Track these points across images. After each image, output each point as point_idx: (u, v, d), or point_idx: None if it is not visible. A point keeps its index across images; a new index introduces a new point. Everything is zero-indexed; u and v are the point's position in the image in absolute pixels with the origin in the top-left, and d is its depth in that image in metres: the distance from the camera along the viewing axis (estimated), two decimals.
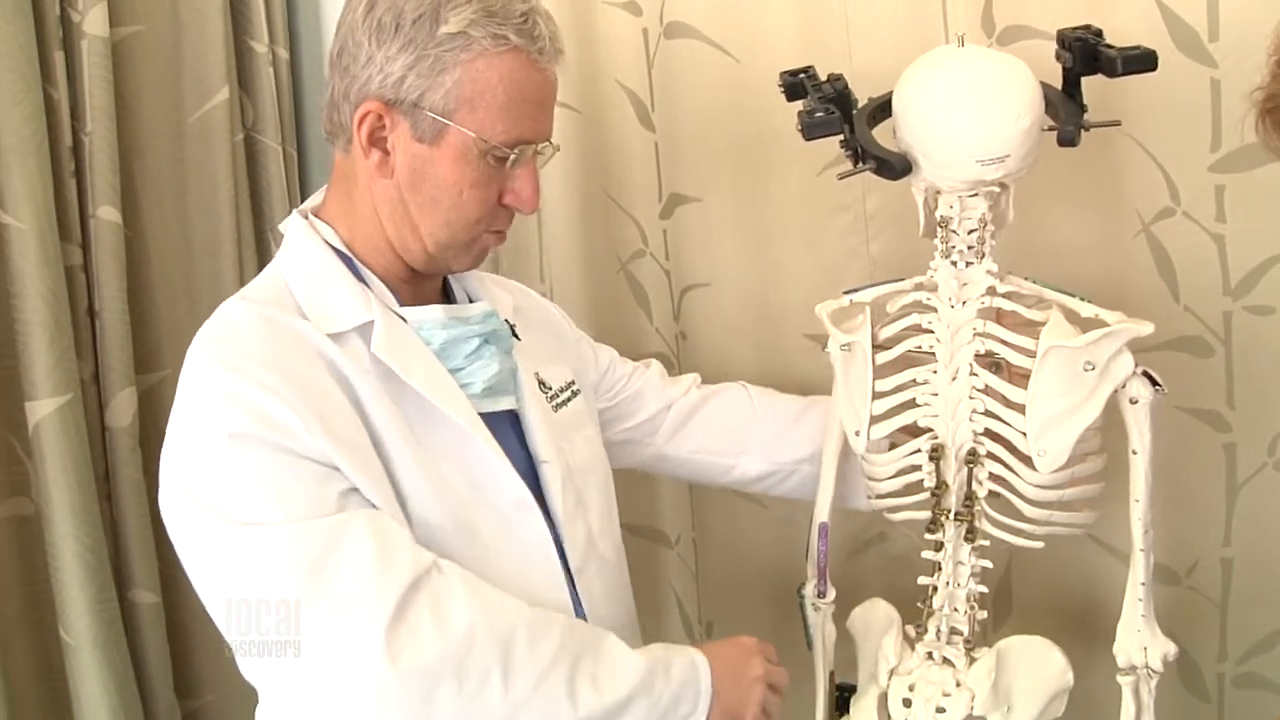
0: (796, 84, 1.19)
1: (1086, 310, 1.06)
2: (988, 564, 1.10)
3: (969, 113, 1.03)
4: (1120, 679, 1.04)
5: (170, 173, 1.53)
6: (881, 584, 1.25)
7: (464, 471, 0.93)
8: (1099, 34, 1.12)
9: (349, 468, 0.86)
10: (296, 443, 0.85)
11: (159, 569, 1.47)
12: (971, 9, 1.35)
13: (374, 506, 0.87)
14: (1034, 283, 1.10)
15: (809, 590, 1.20)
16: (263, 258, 1.62)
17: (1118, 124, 1.19)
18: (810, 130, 1.08)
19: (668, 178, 1.52)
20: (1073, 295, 1.08)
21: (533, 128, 0.95)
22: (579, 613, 0.99)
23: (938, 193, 1.09)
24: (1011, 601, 1.43)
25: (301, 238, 0.99)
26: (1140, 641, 1.03)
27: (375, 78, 0.91)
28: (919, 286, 1.12)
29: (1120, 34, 1.20)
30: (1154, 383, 1.04)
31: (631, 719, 0.90)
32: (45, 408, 1.31)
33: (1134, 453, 1.04)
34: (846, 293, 1.18)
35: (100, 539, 1.37)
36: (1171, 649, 1.04)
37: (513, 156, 0.93)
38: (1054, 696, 1.04)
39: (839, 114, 1.07)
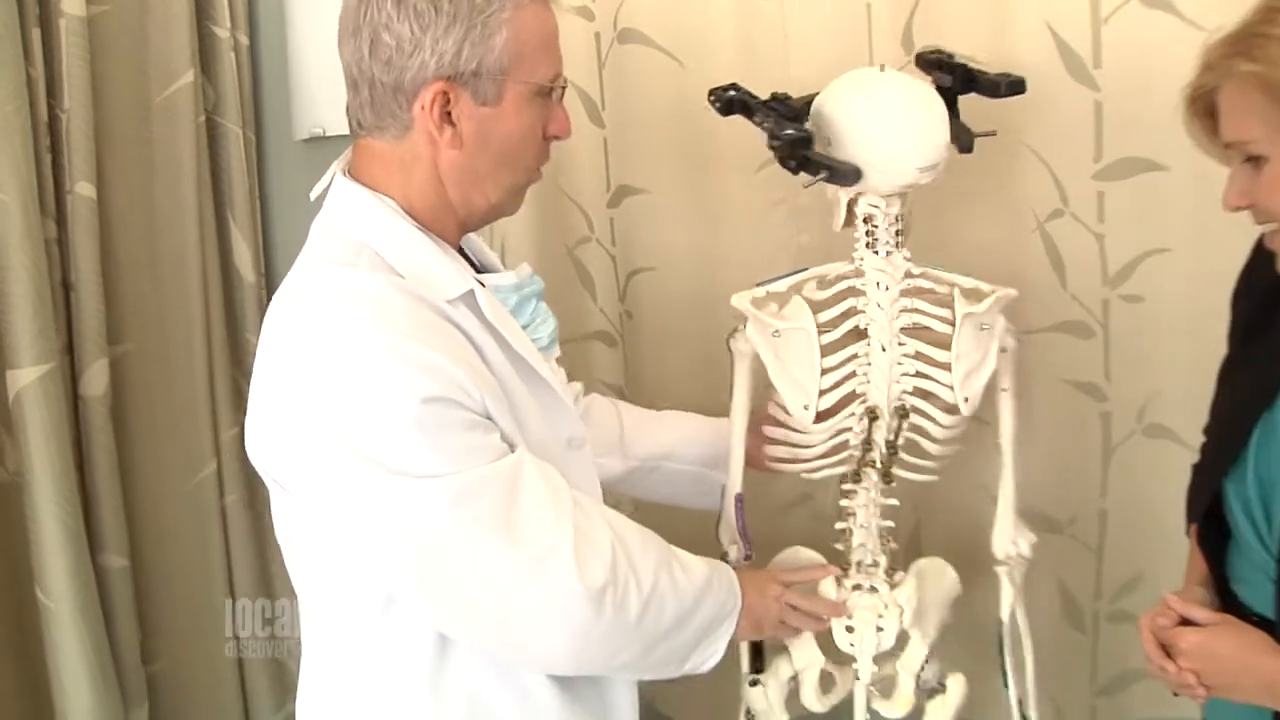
0: (737, 100, 1.34)
1: (968, 283, 1.28)
2: (895, 502, 1.32)
3: (911, 129, 1.23)
4: (998, 569, 1.31)
5: (137, 151, 1.60)
6: (800, 539, 1.43)
7: (547, 418, 1.04)
8: (952, 56, 1.33)
9: (499, 416, 0.95)
10: (467, 398, 0.93)
11: (128, 534, 1.54)
12: (893, 28, 1.53)
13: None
14: (934, 268, 1.31)
15: (733, 556, 1.34)
16: (222, 235, 1.70)
17: (993, 134, 1.38)
18: (789, 147, 1.23)
19: (617, 171, 1.66)
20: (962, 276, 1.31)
21: (560, 61, 1.05)
22: None
23: (860, 194, 1.27)
24: (920, 549, 1.63)
25: (370, 203, 1.01)
26: (1012, 536, 1.31)
27: (430, 61, 0.96)
28: (821, 278, 1.31)
29: (1018, 61, 1.43)
30: None
31: (703, 608, 1.06)
32: (27, 376, 1.37)
33: (1003, 390, 1.30)
34: (760, 284, 1.34)
35: (77, 504, 1.44)
36: (1033, 538, 1.32)
37: (557, 91, 1.04)
38: (950, 604, 1.31)
39: (807, 131, 1.23)
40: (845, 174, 1.22)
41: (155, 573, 1.64)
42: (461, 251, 1.10)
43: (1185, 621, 1.04)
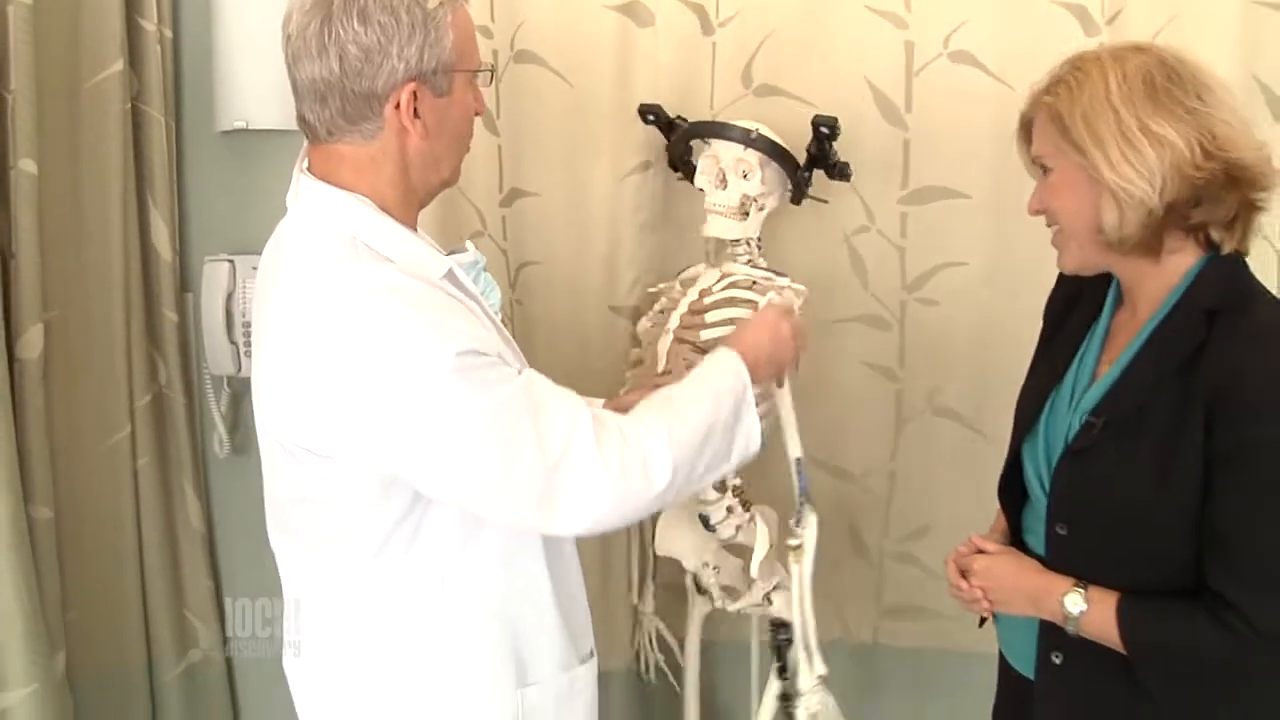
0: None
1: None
2: None
3: None
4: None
5: (67, 133, 1.73)
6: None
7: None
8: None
9: (506, 355, 1.14)
10: (486, 346, 1.09)
11: (54, 487, 1.68)
12: (734, 63, 1.86)
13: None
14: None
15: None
16: (142, 215, 1.84)
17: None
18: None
19: (510, 174, 1.92)
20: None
21: (479, 50, 1.25)
22: None
23: None
24: None
25: (350, 203, 1.14)
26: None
27: (399, 67, 1.10)
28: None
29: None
30: None
31: (720, 415, 1.23)
32: None
33: None
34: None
35: (15, 456, 1.56)
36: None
37: (484, 75, 1.24)
38: None
39: None
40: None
41: (72, 526, 1.77)
42: None
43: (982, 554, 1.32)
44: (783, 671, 1.67)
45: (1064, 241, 1.23)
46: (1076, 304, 1.33)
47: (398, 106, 1.12)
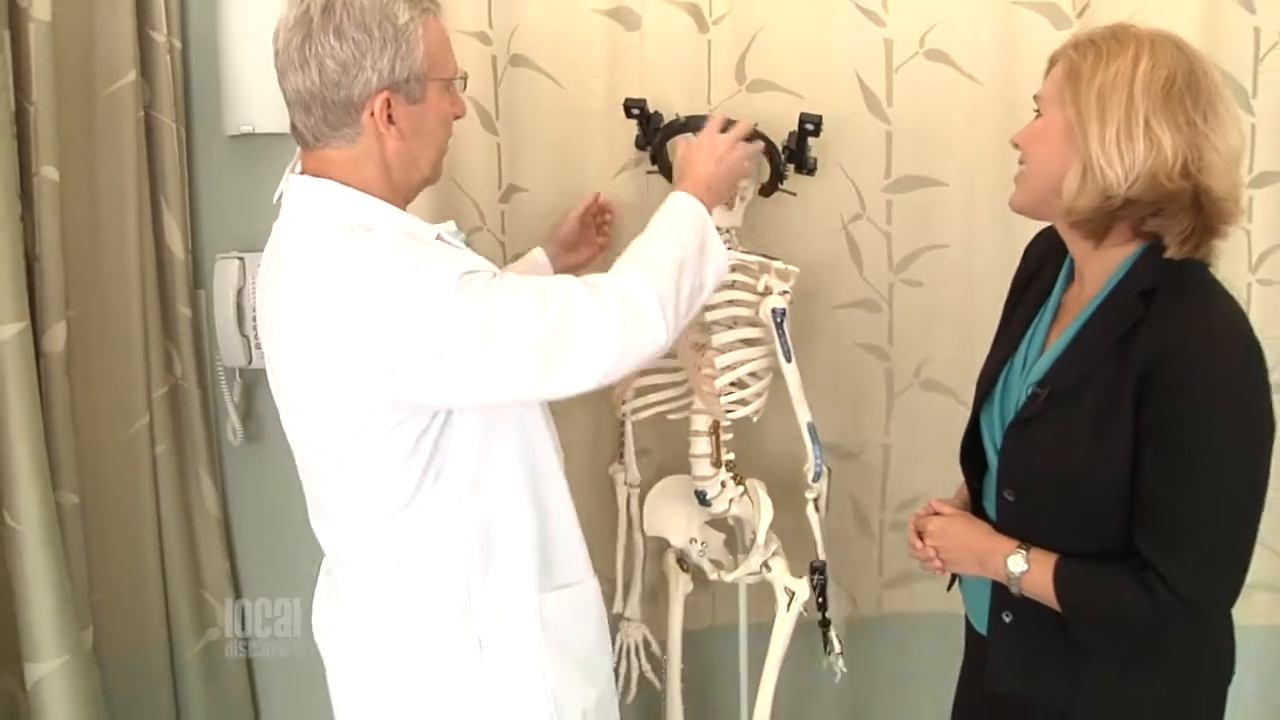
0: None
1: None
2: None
3: None
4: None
5: (84, 141, 1.85)
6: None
7: None
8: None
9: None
10: (485, 266, 1.26)
11: (78, 474, 1.80)
12: (729, 62, 1.95)
13: None
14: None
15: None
16: (156, 217, 1.96)
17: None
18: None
19: (508, 171, 2.01)
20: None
21: (454, 58, 1.35)
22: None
23: None
24: None
25: (335, 190, 1.27)
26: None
27: (373, 78, 1.24)
28: None
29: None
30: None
31: (685, 250, 1.39)
32: (6, 332, 1.62)
33: None
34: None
35: (43, 443, 1.68)
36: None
37: (459, 82, 1.37)
38: None
39: None
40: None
41: (96, 511, 1.89)
42: None
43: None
44: (822, 605, 1.84)
45: (1023, 180, 1.31)
46: (1034, 280, 1.41)
47: (373, 114, 1.26)
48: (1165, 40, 1.21)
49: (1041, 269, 1.40)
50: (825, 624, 1.86)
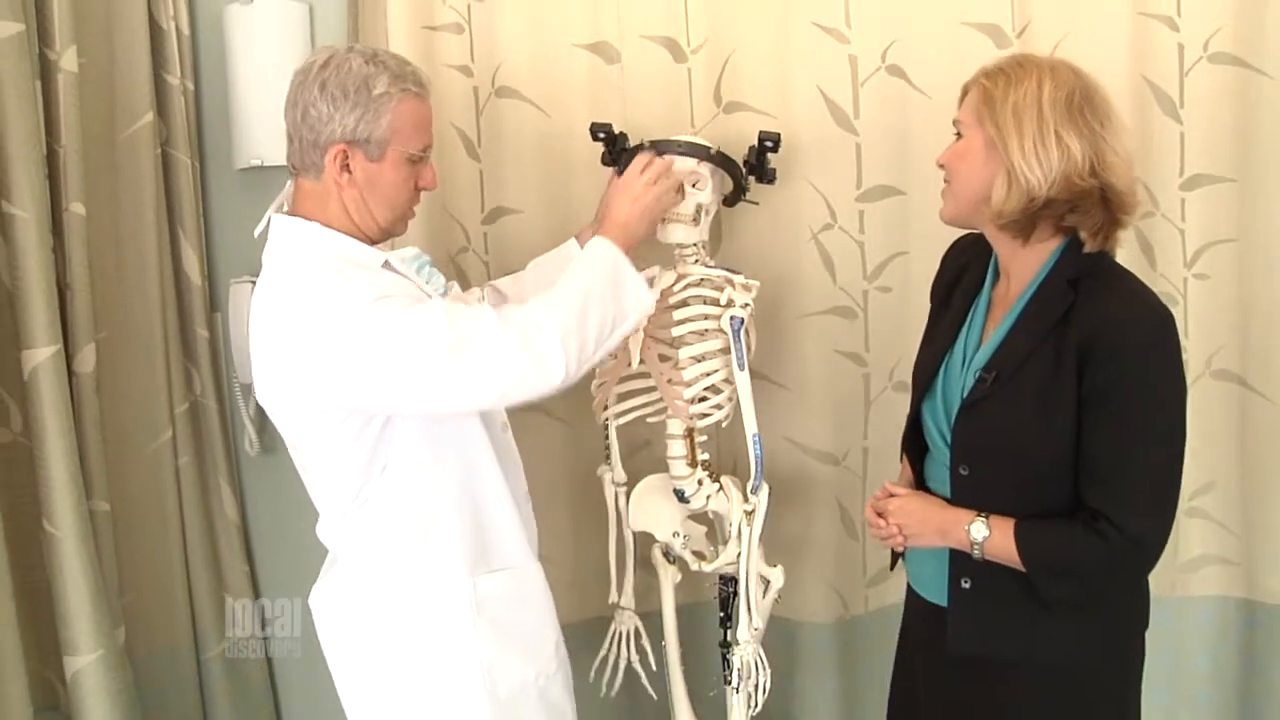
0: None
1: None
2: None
3: None
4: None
5: (108, 178, 2.04)
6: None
7: None
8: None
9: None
10: (406, 290, 1.46)
11: (108, 484, 1.99)
12: (707, 88, 2.12)
13: None
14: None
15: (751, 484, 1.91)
16: (174, 246, 2.15)
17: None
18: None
19: (490, 195, 2.17)
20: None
21: (428, 137, 1.56)
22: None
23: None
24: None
25: (301, 226, 1.50)
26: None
27: (337, 130, 1.47)
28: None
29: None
30: None
31: (594, 290, 1.54)
32: (41, 354, 1.82)
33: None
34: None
35: (77, 455, 1.87)
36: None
37: (422, 157, 1.55)
38: None
39: None
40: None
41: (125, 518, 2.08)
42: None
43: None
44: (725, 620, 1.94)
45: (950, 195, 1.50)
46: (959, 282, 1.58)
47: (334, 159, 1.48)
48: (1062, 65, 1.42)
49: (963, 274, 1.58)
50: (724, 646, 1.95)
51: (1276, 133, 2.03)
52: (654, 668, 2.13)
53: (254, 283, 2.13)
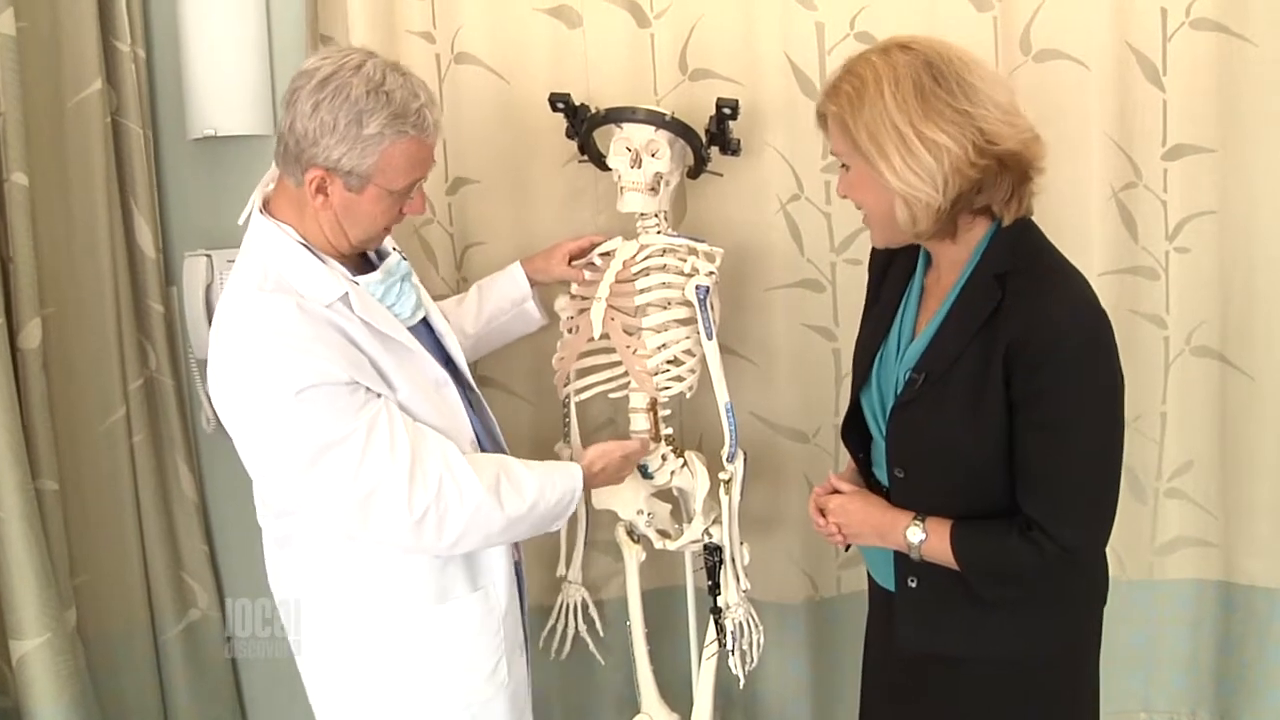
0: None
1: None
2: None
3: None
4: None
5: (55, 148, 2.01)
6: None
7: (411, 372, 1.52)
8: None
9: (367, 381, 1.44)
10: (334, 378, 1.41)
11: (58, 463, 1.97)
12: (672, 55, 2.09)
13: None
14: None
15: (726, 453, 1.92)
16: (127, 218, 2.12)
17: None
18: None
19: (454, 165, 2.15)
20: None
21: (421, 173, 1.51)
22: (484, 448, 1.64)
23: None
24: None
25: (275, 234, 1.48)
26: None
27: (320, 155, 1.42)
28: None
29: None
30: None
31: (540, 506, 1.57)
32: None
33: None
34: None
35: (20, 433, 1.85)
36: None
37: (412, 190, 1.52)
38: None
39: None
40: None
41: (78, 499, 2.06)
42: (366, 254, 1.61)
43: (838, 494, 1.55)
44: (714, 589, 1.94)
45: (870, 223, 1.44)
46: (891, 266, 1.55)
47: (311, 180, 1.45)
48: (894, 50, 1.34)
49: (897, 255, 1.53)
50: (716, 611, 1.97)
51: (1258, 102, 2.00)
52: (601, 634, 2.17)
53: (209, 256, 2.14)
